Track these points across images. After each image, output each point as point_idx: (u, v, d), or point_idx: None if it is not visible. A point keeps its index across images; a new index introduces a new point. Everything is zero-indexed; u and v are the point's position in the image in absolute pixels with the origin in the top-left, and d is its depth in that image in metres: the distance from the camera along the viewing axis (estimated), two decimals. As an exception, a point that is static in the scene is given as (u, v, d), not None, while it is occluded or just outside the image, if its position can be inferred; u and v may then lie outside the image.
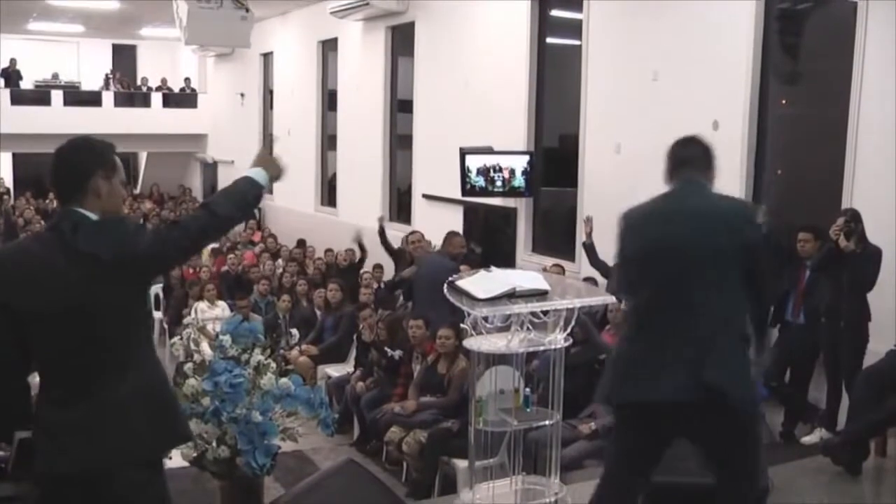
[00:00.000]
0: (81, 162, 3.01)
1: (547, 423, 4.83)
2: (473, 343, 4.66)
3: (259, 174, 3.18)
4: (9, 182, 24.60)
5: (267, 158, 3.27)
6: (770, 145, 8.25)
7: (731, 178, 8.16)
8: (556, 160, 11.32)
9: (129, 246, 2.89)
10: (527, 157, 11.05)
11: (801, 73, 8.42)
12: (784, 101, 8.40)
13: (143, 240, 2.92)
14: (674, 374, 3.61)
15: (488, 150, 11.27)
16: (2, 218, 17.77)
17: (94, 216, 2.94)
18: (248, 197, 3.12)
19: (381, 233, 11.38)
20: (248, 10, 12.71)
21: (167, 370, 5.61)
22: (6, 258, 3.12)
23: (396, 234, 13.02)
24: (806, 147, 8.39)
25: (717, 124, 8.30)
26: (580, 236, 9.43)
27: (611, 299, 5.17)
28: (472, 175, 11.13)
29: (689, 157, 3.89)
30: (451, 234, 9.03)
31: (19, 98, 22.67)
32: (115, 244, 2.88)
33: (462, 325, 4.96)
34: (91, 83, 25.06)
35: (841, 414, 6.66)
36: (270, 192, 3.22)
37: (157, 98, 24.59)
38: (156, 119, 23.86)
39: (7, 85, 23.08)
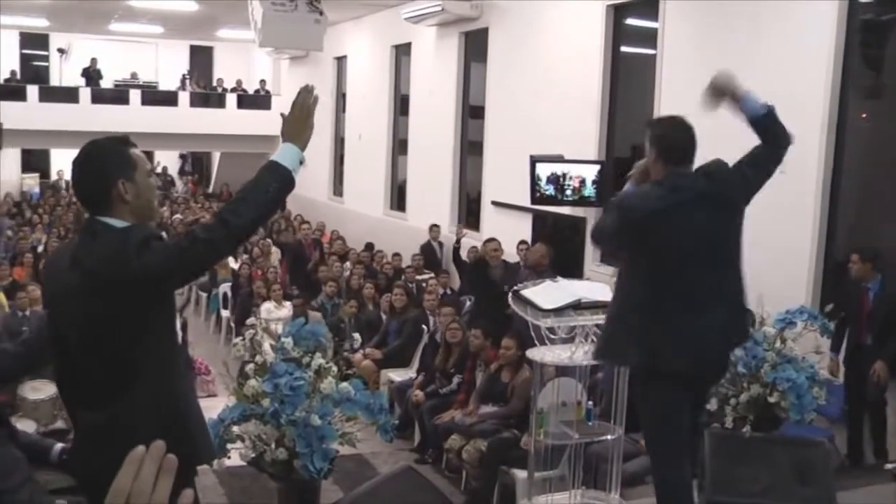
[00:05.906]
0: (98, 174, 2.89)
1: (608, 437, 4.75)
2: (537, 354, 4.60)
3: (287, 153, 2.90)
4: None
5: (293, 123, 2.99)
6: (849, 161, 8.02)
7: (806, 193, 7.97)
8: (627, 170, 11.09)
9: (125, 264, 2.71)
10: (598, 167, 10.94)
11: (885, 86, 8.18)
12: (865, 115, 8.17)
13: (144, 257, 2.72)
14: (718, 337, 4.02)
15: (559, 159, 11.18)
16: (73, 215, 18.29)
17: (119, 224, 2.85)
18: (269, 191, 2.83)
19: (457, 250, 11.28)
20: (322, 14, 12.76)
21: (230, 370, 5.66)
22: (50, 255, 3.28)
23: (466, 241, 12.99)
24: (887, 163, 8.14)
25: (792, 137, 8.10)
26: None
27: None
28: (542, 183, 11.06)
29: (693, 143, 4.20)
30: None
31: (99, 97, 23.20)
32: (111, 261, 2.74)
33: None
34: (168, 83, 25.56)
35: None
36: (303, 162, 2.80)
37: (231, 99, 24.95)
38: (230, 120, 24.14)
39: (88, 84, 23.68)
